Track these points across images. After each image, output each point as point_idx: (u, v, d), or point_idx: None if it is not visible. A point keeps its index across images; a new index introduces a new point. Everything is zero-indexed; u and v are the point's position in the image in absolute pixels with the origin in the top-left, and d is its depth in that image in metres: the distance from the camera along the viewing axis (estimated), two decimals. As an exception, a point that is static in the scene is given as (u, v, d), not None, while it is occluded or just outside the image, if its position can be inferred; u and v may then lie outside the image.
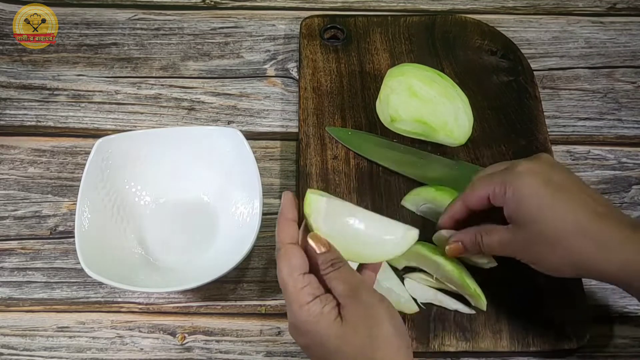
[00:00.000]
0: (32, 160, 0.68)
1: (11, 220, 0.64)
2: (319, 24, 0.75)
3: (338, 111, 0.69)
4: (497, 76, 0.72)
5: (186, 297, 0.60)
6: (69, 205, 0.65)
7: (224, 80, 0.74)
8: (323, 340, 0.43)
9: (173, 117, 0.71)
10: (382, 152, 0.65)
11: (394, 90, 0.63)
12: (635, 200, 0.66)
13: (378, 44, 0.74)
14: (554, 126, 0.71)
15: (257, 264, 0.62)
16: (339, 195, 0.62)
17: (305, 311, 0.43)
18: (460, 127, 0.63)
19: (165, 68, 0.75)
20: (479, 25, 0.76)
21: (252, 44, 0.77)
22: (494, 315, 0.56)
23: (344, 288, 0.44)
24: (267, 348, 0.58)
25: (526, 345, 0.55)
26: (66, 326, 0.58)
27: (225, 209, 0.62)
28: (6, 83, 0.73)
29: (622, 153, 0.70)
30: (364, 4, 0.82)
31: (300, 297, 0.43)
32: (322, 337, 0.43)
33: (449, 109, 0.63)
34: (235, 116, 0.71)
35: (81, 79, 0.74)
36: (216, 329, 0.58)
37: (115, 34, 0.78)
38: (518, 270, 0.55)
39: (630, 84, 0.75)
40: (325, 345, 0.43)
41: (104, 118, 0.71)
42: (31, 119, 0.71)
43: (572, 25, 0.80)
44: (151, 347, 0.57)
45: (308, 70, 0.71)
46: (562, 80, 0.75)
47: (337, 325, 0.43)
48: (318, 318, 0.43)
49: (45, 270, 0.61)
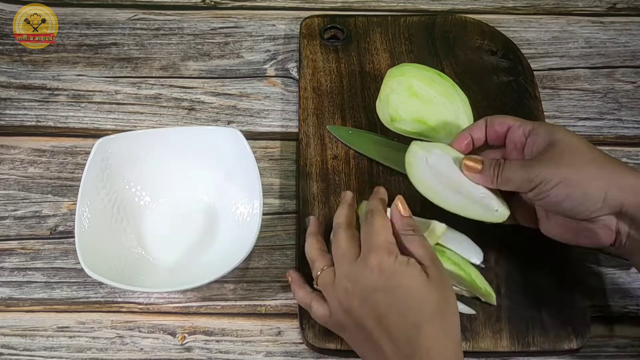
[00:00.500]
0: (32, 160, 0.68)
1: (11, 220, 0.64)
2: (319, 24, 0.75)
3: (338, 111, 0.69)
4: (497, 76, 0.72)
5: (186, 297, 0.60)
6: (69, 205, 0.65)
7: (224, 80, 0.74)
8: (409, 283, 0.46)
9: (173, 117, 0.71)
10: (382, 151, 0.65)
11: (394, 90, 0.63)
12: (635, 200, 0.66)
13: (378, 44, 0.74)
14: (554, 126, 0.71)
15: (257, 264, 0.62)
16: (338, 195, 0.62)
17: (394, 257, 0.47)
18: (460, 127, 0.63)
19: (165, 68, 0.75)
20: (479, 25, 0.76)
21: (252, 44, 0.78)
22: (494, 315, 0.56)
23: (424, 252, 0.48)
24: (267, 348, 0.58)
25: (526, 345, 0.55)
26: (66, 326, 0.58)
27: (225, 209, 0.62)
28: (6, 83, 0.73)
29: (622, 153, 0.70)
30: (364, 4, 0.82)
31: (391, 247, 0.48)
32: (409, 281, 0.46)
33: (449, 109, 0.63)
34: (235, 116, 0.71)
35: (81, 79, 0.74)
36: (216, 329, 0.58)
37: (115, 34, 0.78)
38: (518, 270, 0.55)
39: (630, 84, 0.75)
40: (410, 289, 0.46)
41: (104, 118, 0.71)
42: (31, 119, 0.71)
43: (572, 25, 0.80)
44: (151, 347, 0.57)
45: (308, 70, 0.71)
46: (562, 80, 0.75)
47: (423, 277, 0.47)
48: (406, 265, 0.47)
49: (45, 270, 0.61)
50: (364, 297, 0.47)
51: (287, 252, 0.62)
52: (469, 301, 0.57)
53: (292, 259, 0.62)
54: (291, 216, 0.64)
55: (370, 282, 0.47)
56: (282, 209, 0.65)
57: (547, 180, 0.48)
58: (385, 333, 0.46)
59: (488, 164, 0.53)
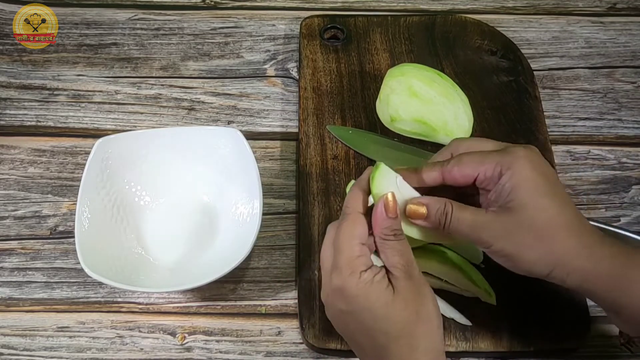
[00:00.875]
0: (32, 160, 0.68)
1: (11, 220, 0.64)
2: (319, 24, 0.75)
3: (338, 111, 0.69)
4: (497, 76, 0.72)
5: (186, 297, 0.60)
6: (69, 205, 0.65)
7: (224, 80, 0.74)
8: (372, 305, 0.44)
9: (173, 117, 0.71)
10: (382, 151, 0.65)
11: (394, 90, 0.63)
12: (635, 200, 0.66)
13: (378, 44, 0.74)
14: (554, 126, 0.71)
15: (257, 264, 0.62)
16: (338, 195, 0.62)
17: (356, 278, 0.44)
18: (460, 127, 0.63)
19: (165, 68, 0.75)
20: (479, 25, 0.76)
21: (252, 44, 0.77)
22: (494, 315, 0.56)
23: (399, 260, 0.45)
24: (267, 348, 0.58)
25: (526, 345, 0.55)
26: (66, 326, 0.58)
27: (225, 209, 0.62)
28: (6, 83, 0.73)
29: (622, 153, 0.70)
30: (364, 4, 0.82)
31: (355, 264, 0.45)
32: (372, 303, 0.44)
33: (449, 109, 0.63)
34: (235, 116, 0.71)
35: (81, 79, 0.74)
36: (216, 329, 0.58)
37: (115, 34, 0.78)
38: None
39: (630, 84, 0.75)
40: (373, 311, 0.44)
41: (104, 118, 0.71)
42: (31, 119, 0.71)
43: (572, 25, 0.80)
44: (151, 347, 0.57)
45: (308, 70, 0.71)
46: (562, 80, 0.75)
47: (388, 294, 0.44)
48: (369, 285, 0.44)
49: (45, 270, 0.61)
50: (336, 315, 0.47)
51: (287, 252, 0.62)
52: (469, 301, 0.57)
53: (292, 259, 0.62)
54: (291, 216, 0.64)
55: (336, 303, 0.46)
56: (282, 209, 0.65)
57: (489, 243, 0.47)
58: (360, 348, 0.47)
59: (435, 209, 0.47)
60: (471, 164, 0.48)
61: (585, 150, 0.70)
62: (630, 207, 0.66)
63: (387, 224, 0.45)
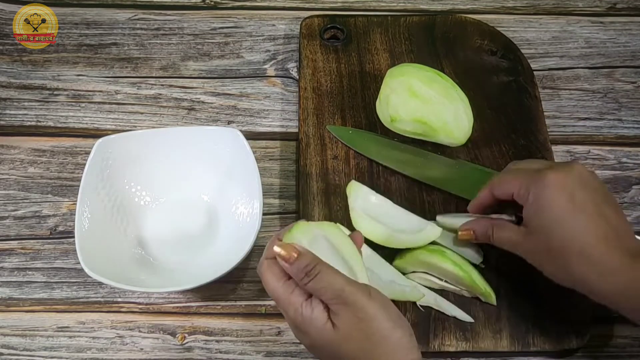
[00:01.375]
0: (32, 160, 0.68)
1: (11, 220, 0.64)
2: (319, 24, 0.75)
3: (338, 111, 0.69)
4: (497, 76, 0.72)
5: (186, 297, 0.60)
6: (69, 205, 0.65)
7: (224, 80, 0.74)
8: (319, 341, 0.45)
9: (173, 117, 0.71)
10: (382, 151, 0.65)
11: (394, 90, 0.63)
12: (635, 200, 0.66)
13: (378, 44, 0.74)
14: (554, 126, 0.71)
15: (257, 264, 0.61)
16: (338, 195, 0.62)
17: (300, 314, 0.44)
18: (460, 127, 0.63)
19: (165, 68, 0.75)
20: (479, 25, 0.76)
21: (252, 44, 0.77)
22: (494, 315, 0.56)
23: (326, 294, 0.44)
24: (267, 348, 0.58)
25: (526, 345, 0.55)
26: (66, 326, 0.58)
27: (225, 209, 0.62)
28: (6, 83, 0.73)
29: (622, 153, 0.70)
30: (364, 4, 0.82)
31: (293, 300, 0.45)
32: (318, 340, 0.45)
33: (449, 109, 0.63)
34: (235, 116, 0.71)
35: (81, 79, 0.74)
36: (216, 329, 0.58)
37: (115, 34, 0.78)
38: (518, 270, 0.55)
39: (630, 84, 0.75)
40: (322, 346, 0.45)
41: (104, 118, 0.71)
42: (31, 119, 0.71)
43: (572, 25, 0.80)
44: (151, 347, 0.57)
45: (308, 70, 0.71)
46: (562, 80, 0.75)
47: (329, 331, 0.44)
48: (310, 322, 0.44)
49: (45, 270, 0.61)
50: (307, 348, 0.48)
51: (287, 252, 0.62)
52: (469, 301, 0.57)
53: (292, 259, 0.62)
54: (291, 216, 0.64)
55: (300, 337, 0.47)
56: (282, 209, 0.65)
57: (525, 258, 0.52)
58: None
59: (480, 232, 0.54)
60: (508, 181, 0.53)
61: (585, 150, 0.70)
62: (631, 207, 0.66)
63: (295, 270, 0.44)
